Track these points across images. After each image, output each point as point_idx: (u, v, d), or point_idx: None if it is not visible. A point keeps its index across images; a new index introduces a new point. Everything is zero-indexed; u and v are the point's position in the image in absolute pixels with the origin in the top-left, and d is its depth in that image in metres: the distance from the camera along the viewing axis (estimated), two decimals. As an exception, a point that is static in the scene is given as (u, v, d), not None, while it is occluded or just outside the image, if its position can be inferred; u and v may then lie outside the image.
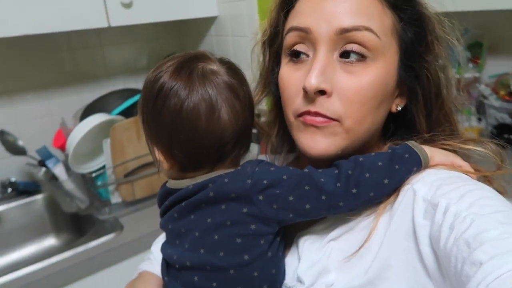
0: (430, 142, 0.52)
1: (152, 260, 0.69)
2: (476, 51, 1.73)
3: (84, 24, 1.23)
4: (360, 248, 0.47)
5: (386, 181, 0.47)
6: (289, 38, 0.52)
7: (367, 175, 0.47)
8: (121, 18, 1.27)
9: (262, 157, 0.70)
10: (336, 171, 0.48)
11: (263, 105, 0.64)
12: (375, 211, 0.49)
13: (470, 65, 1.70)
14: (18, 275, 1.02)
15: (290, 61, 0.53)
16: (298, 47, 0.51)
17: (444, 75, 0.52)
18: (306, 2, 0.51)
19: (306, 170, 0.49)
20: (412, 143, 0.49)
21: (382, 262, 0.46)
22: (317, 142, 0.50)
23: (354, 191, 0.46)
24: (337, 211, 0.48)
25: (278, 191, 0.47)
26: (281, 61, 0.55)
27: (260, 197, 0.48)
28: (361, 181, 0.46)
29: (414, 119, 0.54)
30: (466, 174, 0.48)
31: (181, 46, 1.75)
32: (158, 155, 0.52)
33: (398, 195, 0.48)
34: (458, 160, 0.51)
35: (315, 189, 0.47)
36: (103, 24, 1.25)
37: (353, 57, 0.48)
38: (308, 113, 0.50)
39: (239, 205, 0.48)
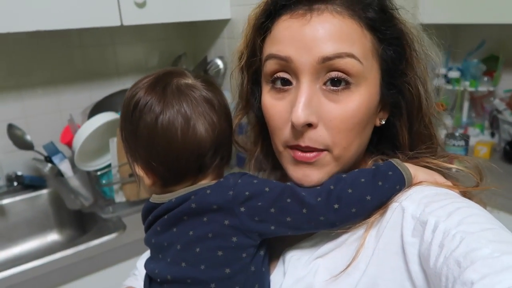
0: (413, 159, 0.52)
1: (137, 276, 0.70)
2: (492, 64, 1.70)
3: (97, 22, 1.23)
4: (347, 267, 0.47)
5: (368, 197, 0.47)
6: (269, 65, 0.50)
7: (350, 190, 0.47)
8: (134, 17, 1.27)
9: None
10: (318, 187, 0.48)
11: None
12: (362, 229, 0.49)
13: (485, 78, 1.67)
14: (19, 270, 1.02)
15: (272, 89, 0.51)
16: (281, 75, 0.50)
17: (423, 87, 0.51)
18: (283, 29, 0.49)
19: (288, 183, 0.50)
20: (396, 161, 0.49)
21: (370, 280, 0.46)
22: (310, 176, 0.50)
23: (336, 206, 0.46)
24: (318, 225, 0.48)
25: (259, 203, 0.48)
26: (261, 86, 0.54)
27: (242, 209, 0.48)
28: (343, 196, 0.46)
29: (397, 133, 0.55)
30: (451, 190, 0.49)
31: (193, 48, 1.74)
32: (139, 170, 0.53)
33: (385, 212, 0.48)
34: (440, 178, 0.51)
35: (297, 202, 0.47)
36: (115, 22, 1.25)
37: (338, 85, 0.47)
38: (297, 147, 0.49)
39: (221, 217, 0.48)
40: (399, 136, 0.54)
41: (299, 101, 0.47)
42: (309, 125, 0.48)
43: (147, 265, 0.54)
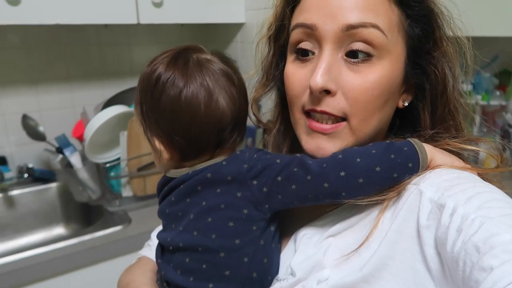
0: (432, 140, 0.51)
1: (151, 247, 0.70)
2: (504, 79, 1.69)
3: (115, 19, 1.26)
4: (359, 246, 0.46)
5: (377, 168, 0.45)
6: (295, 35, 0.51)
7: (358, 159, 0.45)
8: (151, 16, 1.30)
9: None
10: (327, 157, 0.48)
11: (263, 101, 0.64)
12: (377, 210, 0.48)
13: (497, 92, 1.66)
14: (24, 256, 1.03)
15: (296, 58, 0.52)
16: (304, 45, 0.50)
17: (451, 72, 0.51)
18: None
19: (298, 155, 0.50)
20: (413, 140, 0.48)
21: (380, 260, 0.45)
22: (324, 148, 0.50)
23: (342, 173, 0.45)
24: (323, 194, 0.47)
25: (269, 173, 0.48)
26: (286, 57, 0.54)
27: (254, 182, 0.49)
28: (349, 164, 0.45)
29: (419, 115, 0.54)
30: (470, 172, 0.47)
31: (206, 51, 1.77)
32: (158, 145, 0.53)
33: (402, 194, 0.47)
34: (459, 162, 0.49)
35: (302, 169, 0.47)
36: (133, 20, 1.28)
37: (359, 57, 0.47)
38: (314, 111, 0.49)
39: (233, 189, 0.49)
40: (420, 120, 0.53)
41: (319, 66, 0.47)
42: (327, 92, 0.48)
43: (159, 235, 0.55)
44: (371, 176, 0.45)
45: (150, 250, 0.69)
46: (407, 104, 0.54)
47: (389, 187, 0.47)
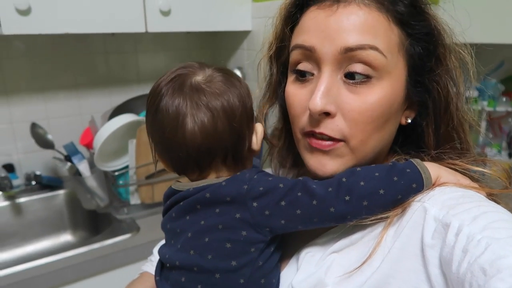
0: (436, 159, 0.51)
1: (153, 262, 0.71)
2: (511, 85, 1.70)
3: (124, 28, 1.27)
4: (362, 264, 0.46)
5: (381, 191, 0.46)
6: (294, 55, 0.51)
7: (362, 183, 0.46)
8: (159, 25, 1.31)
9: (269, 170, 0.71)
10: (331, 179, 0.48)
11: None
12: (380, 227, 0.48)
13: (504, 99, 1.66)
14: (33, 265, 1.03)
15: (296, 79, 0.52)
16: (303, 66, 0.50)
17: (454, 89, 0.50)
18: (310, 19, 0.50)
19: (301, 178, 0.49)
20: (415, 161, 0.48)
21: (382, 278, 0.44)
22: (325, 165, 0.50)
23: (346, 198, 0.46)
24: (329, 218, 0.47)
25: (271, 198, 0.47)
26: (287, 75, 0.55)
27: (254, 204, 0.48)
28: (354, 188, 0.46)
29: (423, 132, 0.53)
30: (476, 192, 0.47)
31: (213, 58, 1.78)
32: (156, 154, 0.56)
33: (406, 212, 0.47)
34: (464, 180, 0.49)
35: (307, 194, 0.47)
36: (141, 29, 1.29)
37: (357, 78, 0.47)
38: (313, 133, 0.49)
39: (232, 210, 0.48)
40: (424, 136, 0.53)
41: (318, 89, 0.47)
42: (327, 114, 0.48)
43: (160, 250, 0.55)
44: (375, 199, 0.46)
45: (152, 265, 0.70)
46: (410, 121, 0.53)
47: (393, 207, 0.47)
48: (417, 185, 0.46)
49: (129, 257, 1.13)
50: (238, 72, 1.60)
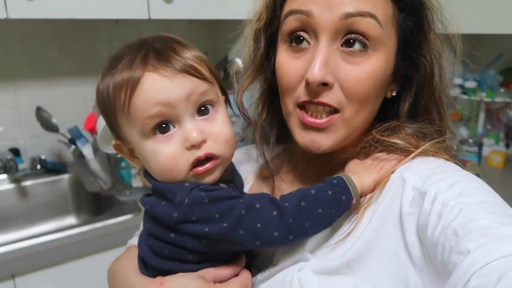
0: (394, 130, 0.52)
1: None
2: (509, 76, 1.71)
3: (127, 14, 1.30)
4: (345, 236, 0.47)
5: (321, 226, 0.48)
6: (289, 23, 0.50)
7: (306, 224, 0.46)
8: (161, 12, 1.33)
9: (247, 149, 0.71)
10: (277, 216, 0.46)
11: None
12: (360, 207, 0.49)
13: (502, 90, 1.68)
14: (37, 242, 1.07)
15: (289, 48, 0.51)
16: (299, 33, 0.49)
17: (438, 64, 0.52)
18: None
19: (243, 203, 0.46)
20: (346, 178, 0.49)
21: (363, 246, 0.46)
22: (318, 142, 0.50)
23: (291, 237, 0.46)
24: (271, 245, 0.47)
25: (207, 229, 0.45)
26: (277, 47, 0.53)
27: (187, 231, 0.46)
28: (300, 231, 0.46)
29: (398, 105, 0.54)
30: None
31: (215, 47, 1.80)
32: None
33: (385, 184, 0.48)
34: (377, 175, 0.50)
35: (251, 235, 0.45)
36: (144, 16, 1.31)
37: (356, 46, 0.47)
38: (310, 103, 0.49)
39: (167, 230, 0.47)
40: (399, 109, 0.54)
41: (317, 59, 0.47)
42: (324, 85, 0.48)
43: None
44: (316, 231, 0.48)
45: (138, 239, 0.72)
46: (394, 94, 0.54)
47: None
48: (346, 197, 0.48)
49: (130, 236, 1.16)
50: (239, 62, 1.62)
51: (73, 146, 1.37)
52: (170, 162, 0.46)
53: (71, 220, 1.49)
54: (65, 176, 1.50)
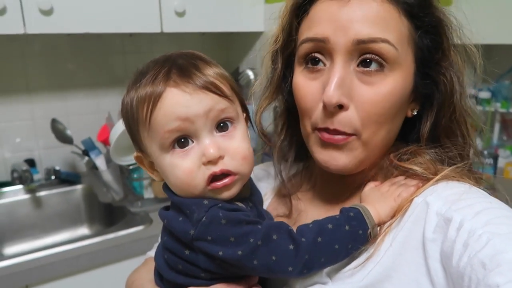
0: (415, 154, 0.51)
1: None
2: (524, 86, 1.68)
3: (141, 28, 1.33)
4: (365, 260, 0.46)
5: (337, 260, 0.47)
6: (305, 48, 0.50)
7: (322, 259, 0.46)
8: (174, 25, 1.36)
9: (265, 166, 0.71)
10: (293, 251, 0.45)
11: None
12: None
13: (516, 100, 1.65)
14: (51, 252, 1.08)
15: (305, 69, 0.51)
16: (314, 55, 0.50)
17: (458, 81, 0.50)
18: (321, 10, 0.49)
19: (260, 230, 0.45)
20: (363, 210, 0.48)
21: (383, 271, 0.45)
22: (336, 159, 0.50)
23: (305, 271, 0.46)
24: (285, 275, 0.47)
25: (221, 253, 0.45)
26: (294, 69, 0.54)
27: (202, 249, 0.46)
28: (315, 266, 0.46)
29: (420, 125, 0.53)
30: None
31: (226, 59, 1.82)
32: None
33: (407, 208, 0.47)
34: (393, 203, 0.49)
35: (264, 266, 0.45)
36: (156, 29, 1.34)
37: (372, 66, 0.47)
38: (326, 129, 0.49)
39: (182, 246, 0.48)
40: (421, 129, 0.53)
41: (332, 80, 0.47)
42: (340, 107, 0.47)
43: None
44: (331, 264, 0.48)
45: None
46: (415, 113, 0.54)
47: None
48: (362, 231, 0.47)
49: (142, 247, 1.16)
50: (250, 73, 1.64)
51: (86, 157, 1.39)
52: (187, 176, 0.47)
53: (83, 230, 1.51)
54: (79, 187, 1.52)
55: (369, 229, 0.47)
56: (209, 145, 0.46)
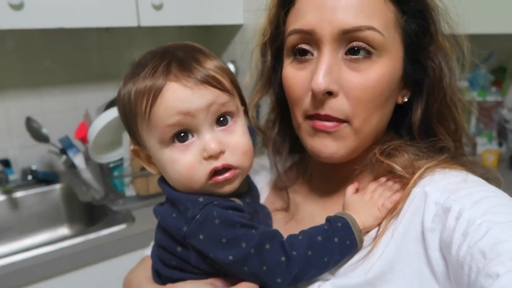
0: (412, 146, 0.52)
1: None
2: (500, 75, 1.72)
3: (117, 22, 1.29)
4: (368, 253, 0.47)
5: (324, 272, 0.48)
6: (292, 40, 0.51)
7: (312, 273, 0.47)
8: (151, 19, 1.33)
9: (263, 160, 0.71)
10: (284, 263, 0.46)
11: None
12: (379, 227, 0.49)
13: (493, 89, 1.69)
14: (30, 255, 1.05)
15: (294, 60, 0.51)
16: (301, 46, 0.50)
17: (447, 65, 0.51)
18: (306, 0, 0.49)
19: (254, 236, 0.45)
20: (350, 221, 0.49)
21: (386, 263, 0.45)
22: (328, 147, 0.50)
23: (293, 284, 0.47)
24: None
25: (212, 255, 0.45)
26: (283, 60, 0.54)
27: (193, 246, 0.46)
28: (303, 279, 0.47)
29: (411, 112, 0.53)
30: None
31: (206, 53, 1.80)
32: None
33: (406, 199, 0.47)
34: (378, 214, 0.50)
35: (254, 274, 0.46)
36: (133, 23, 1.30)
37: (360, 54, 0.47)
38: (317, 116, 0.49)
39: (175, 243, 0.48)
40: (412, 116, 0.53)
41: (320, 68, 0.47)
42: (330, 94, 0.48)
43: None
44: (318, 274, 0.48)
45: None
46: (406, 99, 0.54)
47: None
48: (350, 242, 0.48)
49: (125, 246, 1.15)
50: (231, 66, 1.62)
51: (64, 156, 1.35)
52: (188, 171, 0.47)
53: (63, 230, 1.47)
54: (57, 186, 1.47)
55: (357, 242, 0.48)
56: (210, 140, 0.46)
